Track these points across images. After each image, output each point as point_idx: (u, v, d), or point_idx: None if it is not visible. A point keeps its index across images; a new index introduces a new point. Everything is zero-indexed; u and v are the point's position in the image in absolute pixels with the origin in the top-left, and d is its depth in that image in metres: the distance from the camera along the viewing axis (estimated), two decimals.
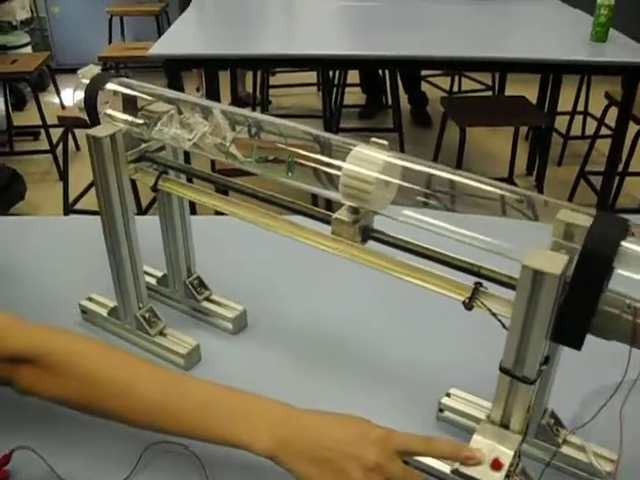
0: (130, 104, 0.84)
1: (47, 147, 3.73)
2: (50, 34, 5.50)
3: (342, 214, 0.70)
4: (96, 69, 0.85)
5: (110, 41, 4.79)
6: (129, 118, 0.83)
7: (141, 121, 0.83)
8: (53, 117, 3.02)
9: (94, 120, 0.84)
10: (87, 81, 0.84)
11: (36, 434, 0.80)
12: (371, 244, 0.72)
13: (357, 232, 0.70)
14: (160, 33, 4.14)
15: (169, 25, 3.14)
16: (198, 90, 4.89)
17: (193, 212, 0.97)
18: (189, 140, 0.79)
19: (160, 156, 0.86)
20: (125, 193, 0.85)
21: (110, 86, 0.84)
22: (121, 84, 0.84)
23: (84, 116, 0.85)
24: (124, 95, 0.84)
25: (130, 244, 0.89)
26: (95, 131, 0.81)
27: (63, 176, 3.11)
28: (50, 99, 4.41)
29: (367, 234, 0.71)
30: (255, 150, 0.74)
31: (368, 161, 0.67)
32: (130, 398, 0.72)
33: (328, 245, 0.73)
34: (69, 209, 3.07)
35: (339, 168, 0.68)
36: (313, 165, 0.70)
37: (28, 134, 4.21)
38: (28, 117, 4.30)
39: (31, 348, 0.74)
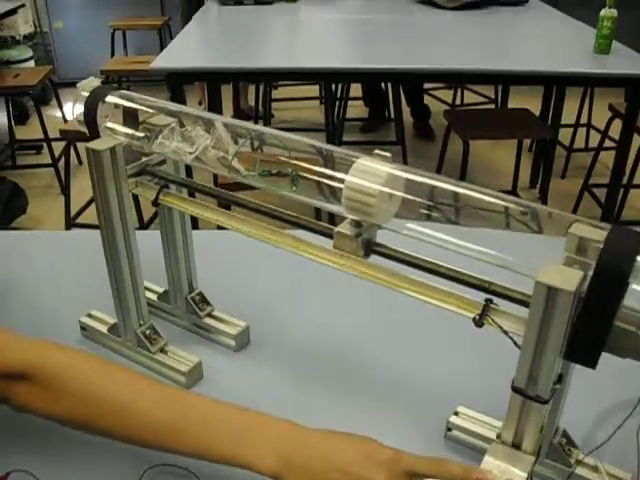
0: (131, 117, 0.82)
1: (49, 161, 3.72)
2: (53, 48, 5.51)
3: (344, 228, 0.68)
4: (96, 81, 0.83)
5: (112, 55, 4.80)
6: (129, 131, 0.81)
7: (142, 134, 0.81)
8: (55, 131, 3.01)
9: (94, 133, 0.82)
10: (87, 94, 0.83)
11: (33, 455, 0.78)
12: (375, 259, 0.70)
13: (360, 246, 0.68)
14: (162, 47, 4.14)
15: (172, 39, 3.14)
16: (200, 103, 4.89)
17: (195, 226, 0.96)
18: (190, 154, 0.77)
19: (161, 170, 0.85)
20: (125, 207, 0.84)
21: (110, 99, 0.82)
22: (122, 97, 0.82)
23: (84, 129, 0.84)
24: (124, 108, 0.83)
25: (130, 260, 0.87)
26: (94, 144, 0.79)
27: (65, 190, 3.10)
28: (52, 113, 4.41)
29: (370, 248, 0.69)
30: (258, 164, 0.72)
31: (371, 173, 0.65)
32: (129, 416, 0.70)
33: (330, 259, 0.71)
34: (71, 223, 3.05)
35: (342, 181, 0.66)
36: (317, 179, 0.68)
37: (30, 148, 4.21)
38: (31, 131, 4.30)
39: (26, 364, 0.71)
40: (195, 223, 0.89)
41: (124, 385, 0.72)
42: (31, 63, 5.20)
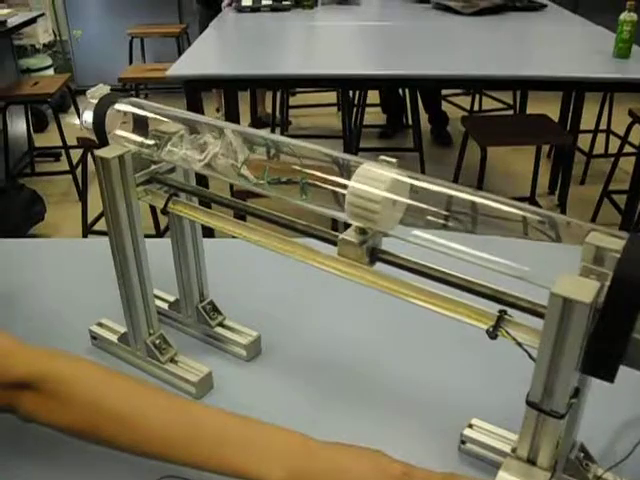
0: (140, 124, 0.82)
1: (67, 168, 3.75)
2: (72, 56, 5.56)
3: (349, 235, 0.67)
4: (105, 89, 0.83)
5: (130, 62, 4.83)
6: (139, 139, 0.81)
7: (151, 142, 0.80)
8: (74, 138, 3.03)
9: (103, 141, 0.82)
10: (96, 101, 0.82)
11: (37, 467, 0.77)
12: (384, 267, 0.68)
13: (365, 253, 0.67)
14: (181, 54, 4.17)
15: (190, 46, 3.15)
16: (218, 111, 4.91)
17: (211, 234, 0.94)
18: (199, 161, 0.76)
19: (170, 178, 0.84)
20: (134, 216, 0.83)
21: (119, 106, 0.81)
22: (130, 104, 0.82)
23: (93, 137, 0.83)
24: (134, 115, 0.82)
25: (140, 268, 0.86)
26: (103, 152, 0.79)
27: (82, 197, 3.11)
28: (71, 120, 4.44)
29: (375, 255, 0.68)
30: (267, 171, 0.71)
31: (374, 179, 0.64)
32: (136, 427, 0.69)
33: (335, 267, 0.70)
34: (87, 230, 3.07)
35: (346, 187, 0.65)
36: (324, 186, 0.67)
37: (49, 155, 4.24)
38: (49, 138, 4.33)
39: (32, 373, 0.71)
40: (211, 231, 0.88)
41: (130, 395, 0.71)
42: (50, 71, 5.26)
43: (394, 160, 0.66)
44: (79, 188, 3.61)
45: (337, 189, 0.66)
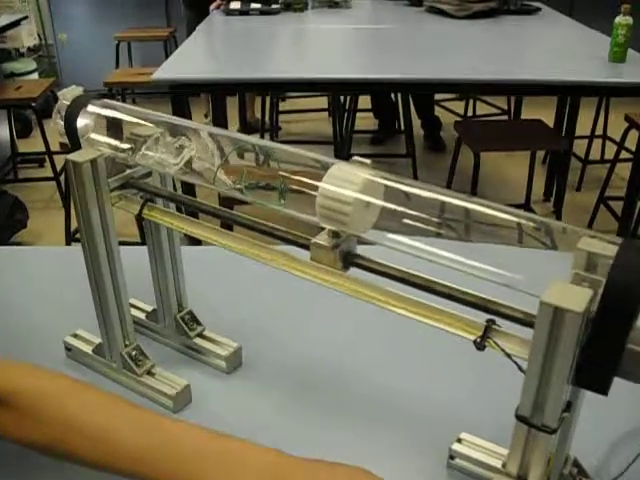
0: (115, 128, 0.80)
1: (52, 174, 3.72)
2: (58, 60, 5.54)
3: (321, 238, 0.65)
4: (78, 90, 0.81)
5: (117, 67, 4.82)
6: (113, 142, 0.79)
7: (126, 145, 0.79)
8: (58, 144, 3.01)
9: (75, 144, 0.80)
10: (68, 103, 0.80)
11: None
12: (368, 276, 0.66)
13: (337, 257, 0.65)
14: (168, 58, 4.16)
15: None
16: (206, 116, 4.90)
17: (198, 242, 0.93)
18: (175, 165, 0.74)
19: (146, 183, 0.82)
20: (108, 222, 0.81)
21: (91, 108, 0.80)
22: (104, 106, 0.80)
23: (65, 140, 0.81)
24: (108, 118, 0.80)
25: (114, 277, 0.85)
26: (74, 156, 0.77)
27: (65, 204, 3.09)
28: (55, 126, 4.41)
29: (349, 260, 0.67)
30: (245, 176, 0.69)
31: (346, 180, 0.63)
32: (107, 444, 0.66)
33: (309, 272, 0.68)
34: (71, 238, 3.04)
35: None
36: (304, 190, 0.65)
37: (33, 161, 4.21)
38: (33, 144, 4.30)
39: (1, 389, 0.69)
40: (196, 239, 0.86)
41: (102, 410, 0.69)
42: (35, 75, 5.23)
43: (368, 161, 0.65)
44: (63, 195, 3.59)
45: (312, 192, 0.64)
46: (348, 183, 0.63)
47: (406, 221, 0.62)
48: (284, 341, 1.01)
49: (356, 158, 0.66)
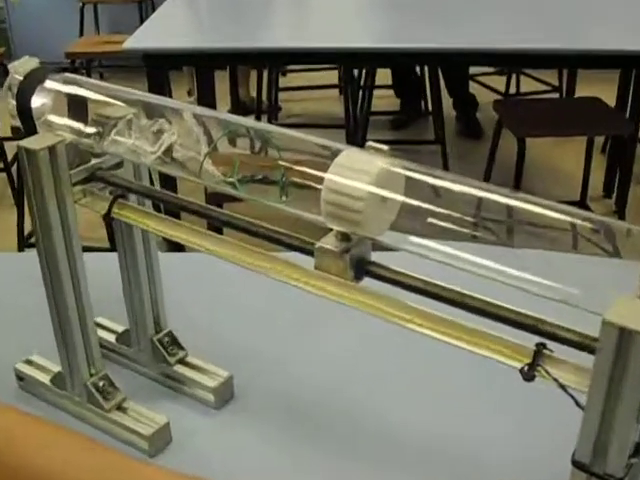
0: (78, 108, 0.81)
1: (1, 165, 3.74)
2: (9, 27, 5.58)
3: (327, 242, 0.65)
4: (33, 62, 0.82)
5: (81, 34, 4.85)
6: (75, 125, 0.79)
7: (92, 129, 0.79)
8: (9, 127, 3.03)
9: (29, 128, 0.81)
10: (21, 78, 0.81)
11: None
12: (381, 286, 0.66)
13: (348, 265, 0.65)
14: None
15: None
16: (190, 94, 4.92)
17: (179, 247, 0.93)
18: (152, 153, 0.74)
19: (116, 175, 0.83)
20: (70, 223, 0.81)
21: (50, 84, 0.80)
22: (65, 81, 0.81)
23: (18, 123, 0.82)
24: (70, 96, 0.81)
25: (77, 290, 0.85)
26: (28, 142, 0.77)
27: (18, 201, 3.10)
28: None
29: (362, 268, 0.66)
30: (237, 167, 0.69)
31: (357, 169, 0.62)
32: None
33: (314, 284, 0.68)
34: (24, 242, 3.06)
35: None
36: (309, 184, 0.65)
37: None
38: None
39: None
40: (178, 244, 0.86)
41: (53, 452, 0.69)
42: None
43: (385, 147, 0.65)
44: (15, 190, 3.60)
45: (319, 186, 0.64)
46: (361, 173, 0.62)
47: (433, 221, 0.62)
48: (285, 368, 1.02)
49: (371, 144, 0.65)
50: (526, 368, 0.61)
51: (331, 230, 0.66)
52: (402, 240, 0.63)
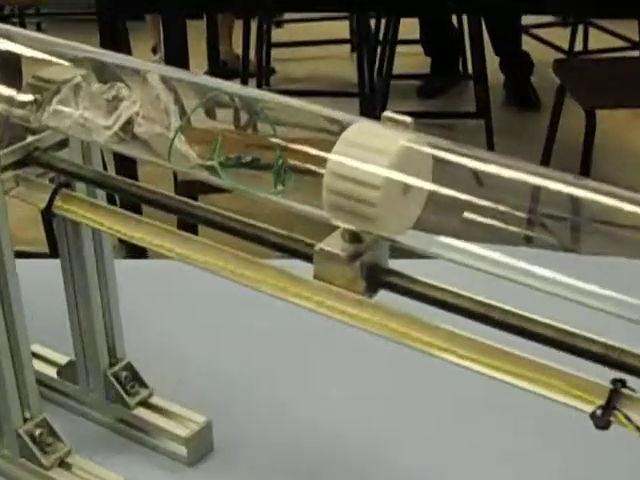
0: (8, 68, 0.81)
1: None
2: None
3: (332, 243, 0.65)
4: None
5: None
6: (5, 92, 0.80)
7: (27, 97, 0.79)
8: None
9: None
10: None
11: None
12: (398, 301, 0.66)
13: (358, 274, 0.65)
14: None
15: None
16: (155, 51, 4.94)
17: (142, 251, 0.93)
18: (106, 128, 0.75)
19: (59, 157, 0.83)
20: None
21: None
22: None
23: None
24: None
25: (7, 309, 0.86)
26: None
27: None
28: None
29: (376, 278, 0.66)
30: (218, 147, 0.70)
31: (370, 148, 0.62)
32: None
33: (311, 299, 0.68)
34: None
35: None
36: (315, 169, 0.65)
37: None
38: None
39: None
40: (140, 247, 0.87)
41: None
42: None
43: (408, 119, 0.64)
44: None
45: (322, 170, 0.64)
46: (375, 153, 0.62)
47: (471, 217, 0.62)
48: (280, 411, 1.02)
49: (389, 113, 0.65)
50: (599, 412, 0.61)
51: (337, 228, 0.66)
52: (429, 242, 0.63)
